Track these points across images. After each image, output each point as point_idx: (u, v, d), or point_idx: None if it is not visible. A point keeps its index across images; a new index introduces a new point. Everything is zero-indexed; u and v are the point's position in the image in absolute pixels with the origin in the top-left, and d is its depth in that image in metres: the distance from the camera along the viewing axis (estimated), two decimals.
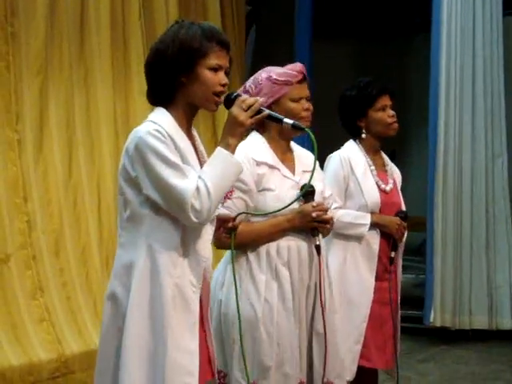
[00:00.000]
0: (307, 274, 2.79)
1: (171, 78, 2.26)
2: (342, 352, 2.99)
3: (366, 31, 8.57)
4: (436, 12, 6.11)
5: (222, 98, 2.29)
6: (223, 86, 2.27)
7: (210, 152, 2.31)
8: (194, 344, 2.25)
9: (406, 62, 8.71)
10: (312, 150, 2.59)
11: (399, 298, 3.47)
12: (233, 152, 2.24)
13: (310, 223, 2.78)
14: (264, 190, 2.75)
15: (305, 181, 2.82)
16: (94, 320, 4.68)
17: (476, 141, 6.11)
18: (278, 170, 2.80)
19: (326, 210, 2.81)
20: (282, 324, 2.71)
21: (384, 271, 3.37)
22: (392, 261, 3.38)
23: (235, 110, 2.24)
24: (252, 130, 2.89)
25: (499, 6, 6.19)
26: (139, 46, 5.32)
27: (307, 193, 2.80)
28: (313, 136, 2.34)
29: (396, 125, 3.44)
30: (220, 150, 2.23)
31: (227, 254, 2.78)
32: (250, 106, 2.24)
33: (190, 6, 5.88)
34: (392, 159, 3.64)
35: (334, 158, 3.38)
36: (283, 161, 2.85)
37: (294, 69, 2.87)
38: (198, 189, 2.16)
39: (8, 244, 4.42)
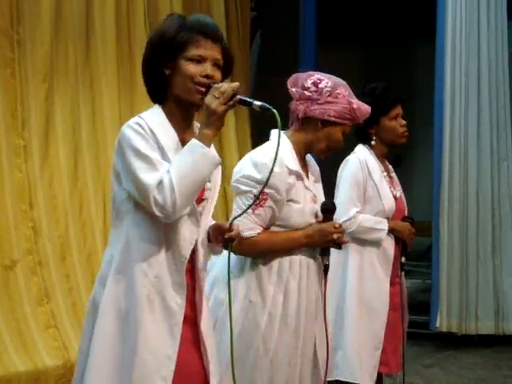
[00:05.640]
0: (314, 289, 2.73)
1: (156, 71, 2.23)
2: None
3: (371, 36, 8.59)
4: (441, 18, 6.11)
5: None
6: (206, 77, 2.17)
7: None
8: (172, 348, 2.16)
9: (411, 68, 8.71)
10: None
11: (405, 301, 3.48)
12: (207, 143, 2.12)
13: (328, 243, 2.71)
14: (291, 200, 2.66)
15: (318, 192, 2.78)
16: None
17: (481, 145, 6.10)
18: (302, 180, 2.72)
19: (343, 232, 2.75)
20: (280, 341, 2.63)
21: (395, 276, 3.39)
22: (402, 266, 3.39)
23: (208, 98, 2.13)
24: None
25: (504, 12, 6.19)
26: None
27: (327, 210, 2.74)
28: (278, 117, 2.15)
29: (407, 133, 3.44)
30: (192, 141, 2.13)
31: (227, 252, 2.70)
32: (223, 94, 2.12)
33: (194, 11, 5.89)
34: (398, 164, 3.64)
35: (352, 162, 3.35)
36: (302, 168, 2.75)
37: (368, 111, 2.79)
38: (161, 182, 2.07)
39: (14, 250, 4.42)
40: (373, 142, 3.40)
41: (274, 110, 2.17)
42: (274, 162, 2.18)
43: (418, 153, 8.37)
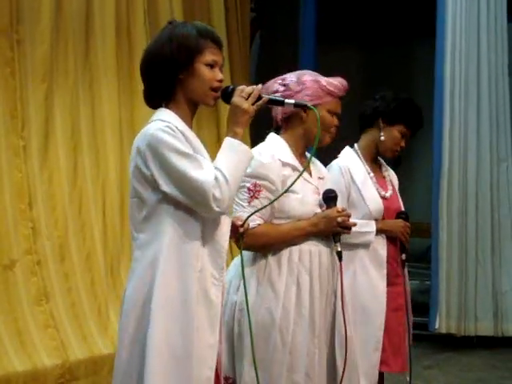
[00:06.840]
0: (326, 279, 2.78)
1: (170, 76, 2.31)
2: (358, 360, 2.96)
3: (371, 36, 8.58)
4: (441, 18, 6.11)
5: (219, 93, 2.35)
6: (219, 81, 2.32)
7: (213, 157, 2.31)
8: (214, 338, 2.27)
9: (411, 68, 8.71)
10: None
11: (409, 300, 3.48)
12: (241, 140, 2.29)
13: (335, 228, 2.77)
14: (288, 191, 2.71)
15: (323, 187, 2.84)
16: (98, 326, 4.68)
17: (481, 145, 6.11)
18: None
19: (349, 216, 2.81)
20: (297, 332, 2.69)
21: (396, 276, 3.37)
22: (404, 263, 3.39)
23: (237, 99, 2.29)
24: (271, 130, 2.88)
25: (504, 12, 6.20)
26: None
27: (330, 198, 2.81)
28: (318, 114, 2.42)
29: (397, 153, 3.45)
30: (229, 140, 2.28)
31: (238, 257, 2.74)
32: (249, 94, 2.30)
33: (194, 12, 5.89)
34: (397, 165, 3.63)
35: (333, 169, 3.35)
36: (301, 164, 2.82)
37: (342, 83, 2.85)
38: (216, 178, 2.18)
39: (13, 250, 4.42)
40: (382, 137, 3.39)
41: (312, 106, 2.41)
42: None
43: (417, 154, 8.36)
